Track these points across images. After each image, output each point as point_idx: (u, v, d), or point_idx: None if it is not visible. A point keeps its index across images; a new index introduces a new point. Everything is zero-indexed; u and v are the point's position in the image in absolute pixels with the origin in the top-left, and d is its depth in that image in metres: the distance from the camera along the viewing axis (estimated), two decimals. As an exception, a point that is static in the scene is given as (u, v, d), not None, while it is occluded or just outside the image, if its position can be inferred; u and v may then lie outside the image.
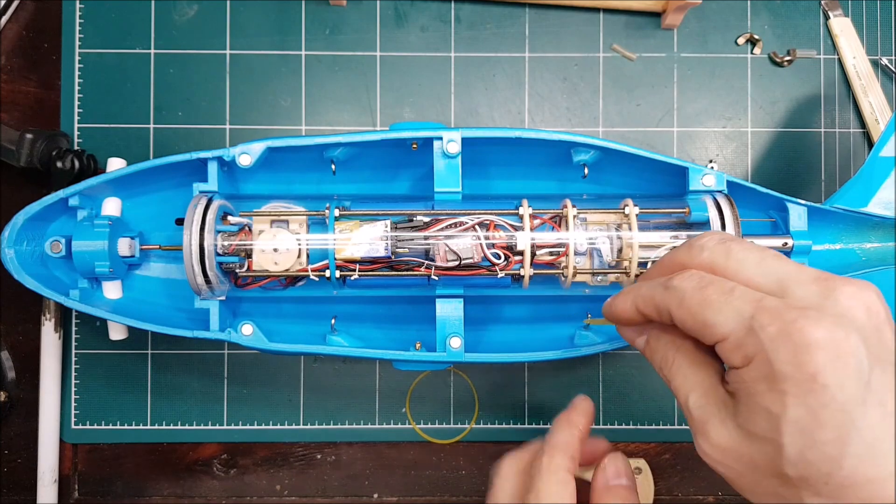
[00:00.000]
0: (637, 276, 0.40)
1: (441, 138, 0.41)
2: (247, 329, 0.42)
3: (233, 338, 0.42)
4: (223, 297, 0.42)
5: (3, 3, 0.50)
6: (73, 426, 0.50)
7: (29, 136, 0.46)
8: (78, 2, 0.51)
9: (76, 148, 0.50)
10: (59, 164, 0.46)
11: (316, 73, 0.51)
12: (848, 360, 0.25)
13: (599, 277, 0.41)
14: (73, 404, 0.50)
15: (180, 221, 0.40)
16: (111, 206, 0.44)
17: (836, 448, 0.25)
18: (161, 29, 0.51)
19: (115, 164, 0.46)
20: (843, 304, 0.26)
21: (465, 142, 0.42)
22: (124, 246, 0.43)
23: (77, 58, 0.51)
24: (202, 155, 0.41)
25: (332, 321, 0.45)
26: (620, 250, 0.40)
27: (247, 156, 0.42)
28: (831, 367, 0.25)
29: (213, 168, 0.41)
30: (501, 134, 0.42)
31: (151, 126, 0.51)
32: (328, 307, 0.46)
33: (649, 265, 0.40)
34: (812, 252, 0.43)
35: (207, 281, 0.39)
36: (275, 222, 0.41)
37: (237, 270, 0.40)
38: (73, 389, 0.50)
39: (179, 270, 0.46)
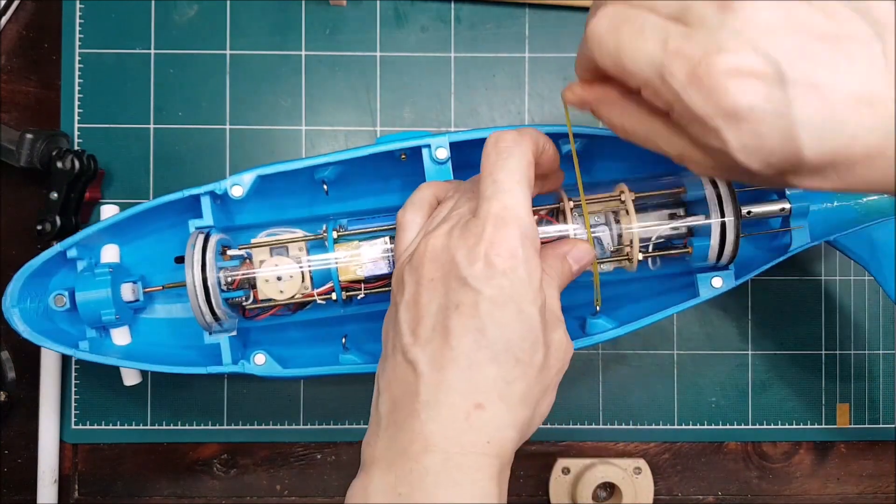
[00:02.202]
0: (639, 260, 0.40)
1: (429, 146, 0.41)
2: (259, 359, 0.42)
3: (246, 369, 0.42)
4: (234, 332, 0.41)
5: (3, 3, 0.50)
6: (73, 426, 0.50)
7: (29, 136, 0.46)
8: (78, 2, 0.51)
9: (76, 148, 0.50)
10: (59, 164, 0.46)
11: (316, 73, 0.51)
12: (759, 74, 0.25)
13: (604, 265, 0.41)
14: (73, 404, 0.50)
15: (180, 259, 0.40)
16: (110, 254, 0.44)
17: (790, 145, 0.26)
18: (161, 29, 0.51)
19: (109, 212, 0.47)
20: (741, 20, 0.26)
21: (455, 145, 0.41)
22: (127, 291, 0.43)
23: (77, 58, 0.51)
24: (194, 192, 0.41)
25: (343, 340, 0.45)
26: (620, 236, 0.40)
27: (238, 187, 0.42)
28: (749, 90, 0.25)
29: (206, 203, 0.41)
30: (488, 135, 0.42)
31: (151, 126, 0.51)
32: (337, 328, 0.46)
33: (650, 248, 0.40)
34: (810, 212, 0.43)
35: (216, 317, 0.39)
36: (274, 250, 0.41)
37: (244, 304, 0.40)
38: (73, 389, 0.50)
39: (184, 309, 0.46)
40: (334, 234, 0.41)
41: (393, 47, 0.51)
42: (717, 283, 0.42)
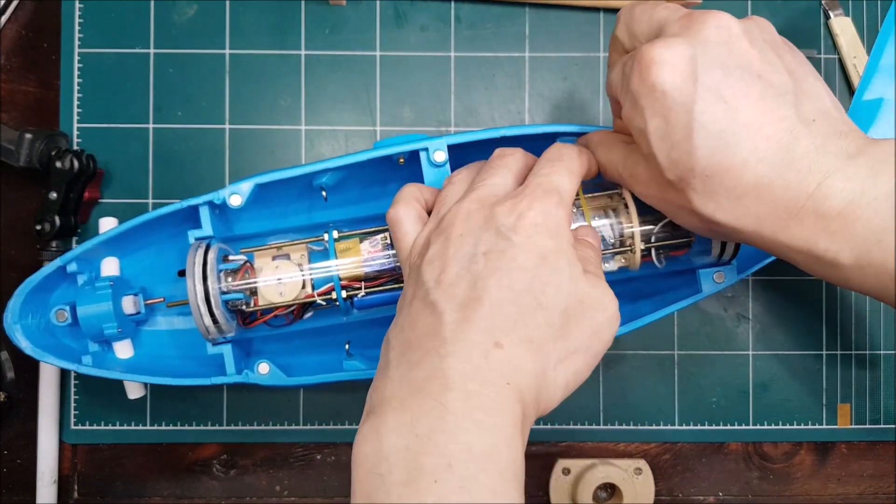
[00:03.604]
0: (642, 250, 0.40)
1: (427, 149, 0.41)
2: (263, 368, 0.42)
3: (251, 378, 0.42)
4: (232, 332, 0.41)
5: (2, 2, 0.50)
6: (72, 426, 0.50)
7: (28, 135, 0.46)
8: (77, 1, 0.51)
9: (75, 148, 0.50)
10: (58, 164, 0.46)
11: (316, 72, 0.51)
12: (678, 67, 0.30)
13: (609, 261, 0.41)
14: (73, 404, 0.50)
15: (183, 273, 0.40)
16: (110, 267, 0.44)
17: (686, 144, 0.30)
18: (160, 29, 0.51)
19: (108, 224, 0.46)
20: (694, 28, 0.31)
21: (454, 147, 0.41)
22: (129, 304, 0.43)
23: (76, 57, 0.51)
24: (193, 202, 0.41)
25: (347, 346, 0.45)
26: (622, 234, 0.40)
27: (237, 196, 0.41)
28: (667, 76, 0.30)
29: (205, 213, 0.41)
30: (486, 136, 0.42)
31: (151, 126, 0.51)
32: (340, 335, 0.46)
33: (652, 238, 0.40)
34: None
35: (219, 328, 0.39)
36: (276, 258, 0.41)
37: (243, 308, 0.40)
38: (73, 389, 0.50)
39: (186, 320, 0.46)
40: (335, 234, 0.40)
41: (393, 47, 0.51)
42: (720, 278, 0.42)
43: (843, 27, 0.52)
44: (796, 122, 0.30)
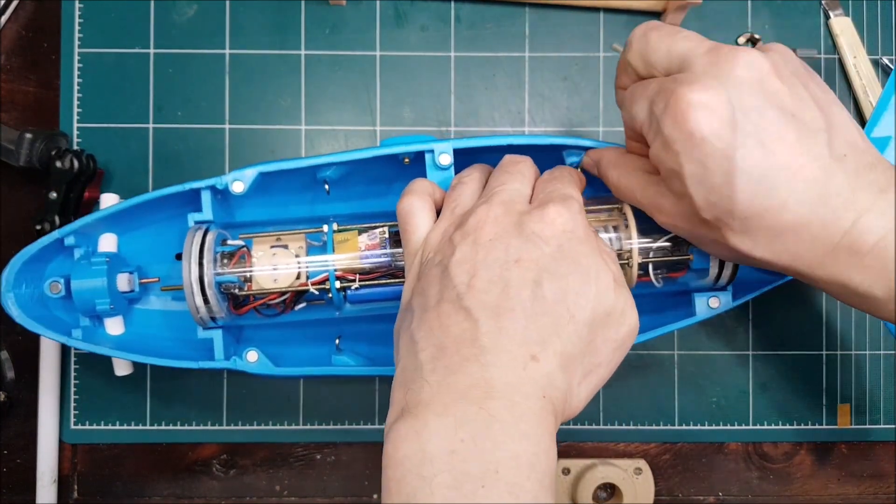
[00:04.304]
0: (640, 265, 0.39)
1: (433, 151, 0.41)
2: (252, 356, 0.42)
3: (238, 365, 0.42)
4: (223, 315, 0.41)
5: (2, 2, 0.50)
6: (72, 426, 0.50)
7: (28, 135, 0.46)
8: (77, 1, 0.51)
9: (75, 148, 0.50)
10: (58, 164, 0.46)
11: (316, 72, 0.51)
12: (717, 112, 0.30)
13: None
14: (73, 404, 0.50)
15: (180, 256, 0.40)
16: (107, 243, 0.44)
17: (727, 189, 0.30)
18: (160, 29, 0.51)
19: (109, 200, 0.46)
20: (724, 67, 0.31)
21: (459, 151, 0.41)
22: (123, 281, 0.43)
23: (76, 57, 0.51)
24: (195, 185, 0.41)
25: (337, 341, 0.45)
26: (620, 250, 0.40)
27: (239, 182, 0.41)
28: (705, 122, 0.30)
29: (206, 197, 0.41)
30: (493, 143, 0.42)
31: (151, 126, 0.51)
32: (331, 329, 0.46)
33: (651, 255, 0.40)
34: None
35: (206, 302, 0.39)
36: (274, 246, 0.41)
37: (235, 291, 0.40)
38: (73, 389, 0.50)
39: (178, 302, 0.46)
40: (334, 227, 0.40)
41: (393, 47, 0.51)
42: (715, 303, 0.42)
43: (843, 27, 0.52)
44: (829, 159, 0.30)
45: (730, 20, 0.52)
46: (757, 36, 0.51)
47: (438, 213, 0.36)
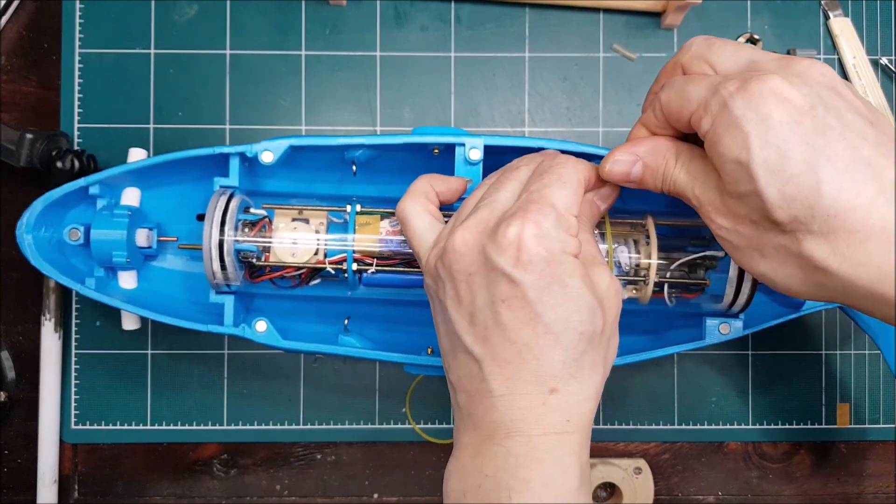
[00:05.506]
0: (655, 282, 0.39)
1: (464, 145, 0.41)
2: (261, 326, 0.42)
3: (246, 333, 0.42)
4: (237, 282, 0.41)
5: (3, 3, 0.50)
6: (73, 426, 0.50)
7: (29, 136, 0.46)
8: (78, 2, 0.51)
9: (76, 148, 0.50)
10: (58, 164, 0.46)
11: (316, 73, 0.51)
12: (796, 100, 0.28)
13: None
14: (73, 404, 0.50)
15: (202, 217, 0.40)
16: (131, 197, 0.44)
17: (809, 177, 0.27)
18: (161, 29, 0.51)
19: (137, 155, 0.46)
20: (798, 68, 0.29)
21: (489, 149, 0.41)
22: (142, 237, 0.43)
23: (77, 58, 0.51)
24: (225, 150, 0.41)
25: (346, 322, 0.45)
26: (639, 265, 0.40)
27: (269, 153, 0.41)
28: (784, 105, 0.27)
29: (234, 164, 0.41)
30: (525, 143, 0.41)
31: (151, 126, 0.51)
32: (342, 307, 0.46)
33: (668, 274, 0.39)
34: None
35: (224, 268, 0.39)
36: (295, 220, 0.41)
37: (253, 261, 0.40)
38: (73, 389, 0.50)
39: (195, 264, 0.46)
40: (357, 208, 0.41)
41: (393, 47, 0.51)
42: (725, 329, 0.41)
43: (842, 27, 0.52)
44: None
45: (730, 20, 0.52)
46: (757, 36, 0.52)
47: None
